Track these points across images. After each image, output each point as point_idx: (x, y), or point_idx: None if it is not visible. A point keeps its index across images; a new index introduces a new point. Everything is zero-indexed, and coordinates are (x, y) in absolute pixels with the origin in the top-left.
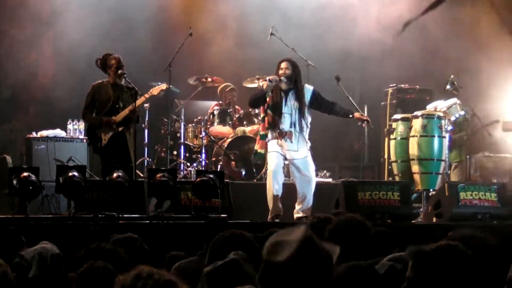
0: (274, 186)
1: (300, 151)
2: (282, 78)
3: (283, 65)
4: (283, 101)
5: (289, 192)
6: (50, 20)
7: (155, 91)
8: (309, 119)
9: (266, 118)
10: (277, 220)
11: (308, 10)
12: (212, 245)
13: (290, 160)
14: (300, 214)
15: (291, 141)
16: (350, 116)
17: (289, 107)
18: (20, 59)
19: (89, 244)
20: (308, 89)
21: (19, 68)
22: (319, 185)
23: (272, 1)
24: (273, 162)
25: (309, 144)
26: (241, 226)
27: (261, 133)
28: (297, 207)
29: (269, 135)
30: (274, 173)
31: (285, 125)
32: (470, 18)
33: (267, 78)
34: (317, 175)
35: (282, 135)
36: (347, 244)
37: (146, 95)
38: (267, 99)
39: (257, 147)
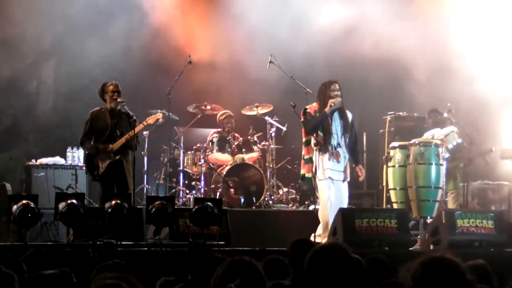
0: (330, 215)
1: (344, 173)
2: (339, 99)
3: (335, 86)
4: (331, 122)
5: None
6: (50, 49)
7: (151, 120)
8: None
9: (316, 140)
10: None
11: (306, 38)
12: (218, 272)
13: (335, 181)
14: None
15: (338, 161)
16: (354, 165)
17: (336, 127)
18: (21, 87)
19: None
20: (349, 114)
21: (19, 96)
22: (317, 212)
23: (271, 29)
24: (327, 190)
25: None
26: (239, 253)
27: (306, 157)
28: (322, 232)
29: (319, 158)
30: (330, 202)
31: (333, 145)
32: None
33: (332, 103)
34: (315, 202)
35: (332, 154)
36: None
37: (143, 123)
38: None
39: (303, 171)
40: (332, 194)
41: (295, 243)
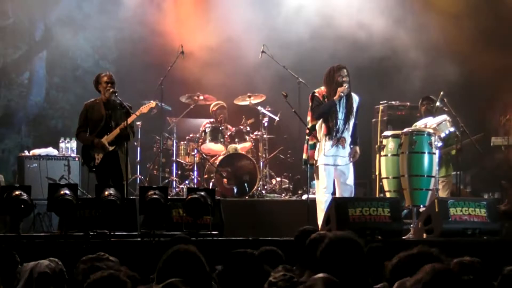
0: (326, 203)
1: (348, 157)
2: (346, 85)
3: (343, 72)
4: (339, 108)
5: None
6: (43, 40)
7: (144, 109)
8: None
9: (323, 126)
10: None
11: (298, 27)
12: (161, 263)
13: (340, 166)
14: None
15: (343, 147)
16: (351, 146)
17: (342, 113)
18: (13, 79)
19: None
20: (355, 97)
21: (12, 87)
22: (310, 201)
23: (263, 19)
24: (326, 178)
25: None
26: (232, 243)
27: (311, 143)
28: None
29: (323, 143)
30: (328, 190)
31: (336, 131)
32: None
33: (341, 92)
34: (308, 192)
35: (337, 141)
36: (340, 262)
37: (136, 114)
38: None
39: (305, 156)
40: (330, 183)
41: (302, 233)
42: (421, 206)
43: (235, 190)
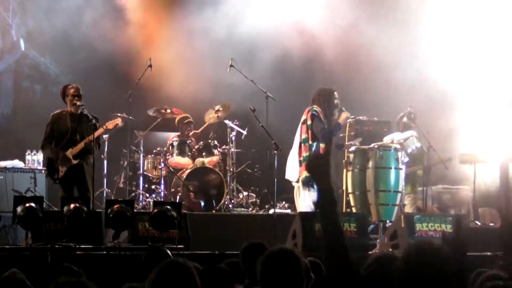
0: None
1: None
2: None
3: (336, 95)
4: None
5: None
6: (12, 52)
7: (110, 125)
8: None
9: (320, 146)
10: None
11: (267, 42)
12: (152, 275)
13: None
14: None
15: None
16: None
17: None
18: None
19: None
20: None
21: None
22: (277, 216)
23: (232, 34)
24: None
25: None
26: (198, 257)
27: (300, 159)
28: None
29: None
30: None
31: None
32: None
33: (348, 118)
34: (276, 206)
35: None
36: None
37: (102, 129)
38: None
39: (307, 173)
40: None
41: (247, 247)
42: (387, 221)
43: (202, 204)
